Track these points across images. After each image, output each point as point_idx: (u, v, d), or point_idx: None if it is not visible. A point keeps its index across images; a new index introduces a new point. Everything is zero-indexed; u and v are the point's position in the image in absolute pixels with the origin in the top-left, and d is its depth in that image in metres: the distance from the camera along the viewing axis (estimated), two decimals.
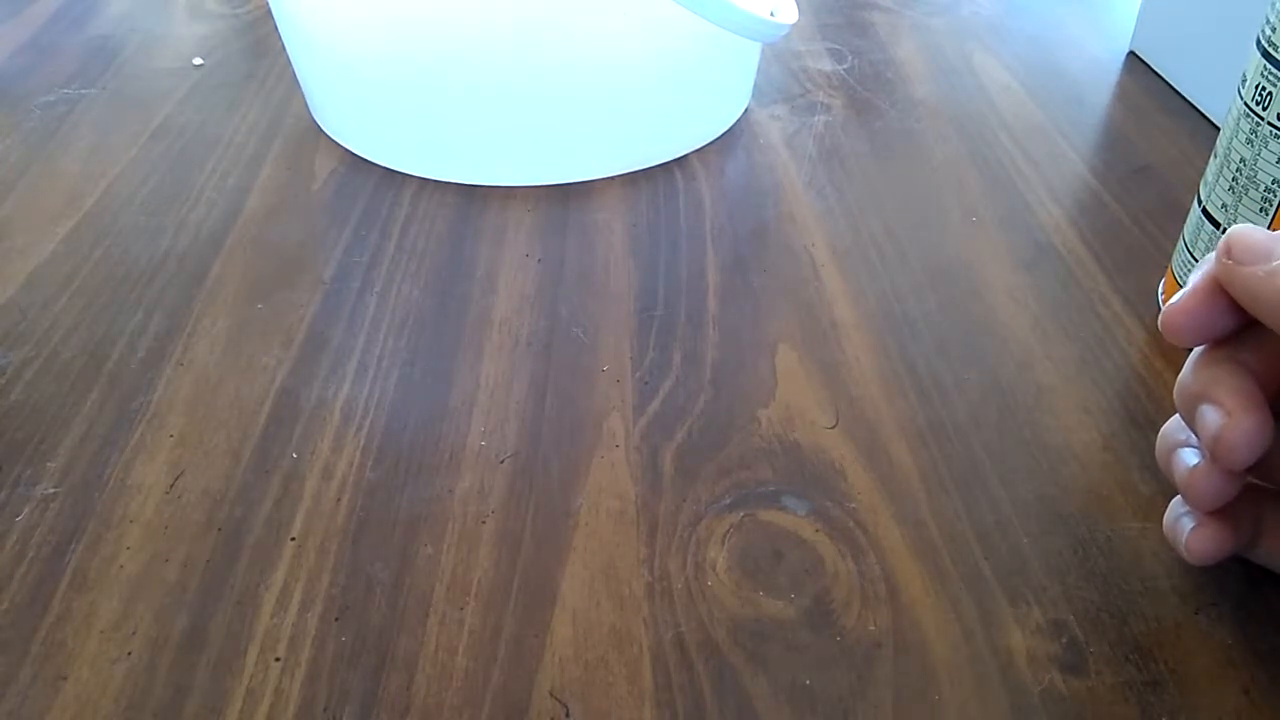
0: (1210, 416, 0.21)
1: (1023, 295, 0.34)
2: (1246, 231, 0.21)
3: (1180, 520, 0.23)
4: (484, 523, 0.26)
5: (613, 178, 0.40)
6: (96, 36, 0.52)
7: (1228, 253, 0.21)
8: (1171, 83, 0.48)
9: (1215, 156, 0.29)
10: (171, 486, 0.26)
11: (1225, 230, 0.28)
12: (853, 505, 0.26)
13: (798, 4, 0.44)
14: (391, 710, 0.21)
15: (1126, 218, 0.38)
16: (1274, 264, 0.20)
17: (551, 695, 0.22)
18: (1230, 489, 0.21)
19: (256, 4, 0.56)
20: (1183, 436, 0.23)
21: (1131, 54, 0.51)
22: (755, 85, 0.46)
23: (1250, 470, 0.21)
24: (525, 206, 0.38)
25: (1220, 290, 0.21)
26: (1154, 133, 0.44)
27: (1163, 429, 0.24)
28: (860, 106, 0.46)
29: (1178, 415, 0.23)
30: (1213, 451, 0.20)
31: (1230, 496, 0.21)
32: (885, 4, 0.58)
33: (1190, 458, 0.22)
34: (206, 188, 0.39)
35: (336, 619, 0.23)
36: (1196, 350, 0.22)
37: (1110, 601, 0.24)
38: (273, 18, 0.47)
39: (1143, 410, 0.29)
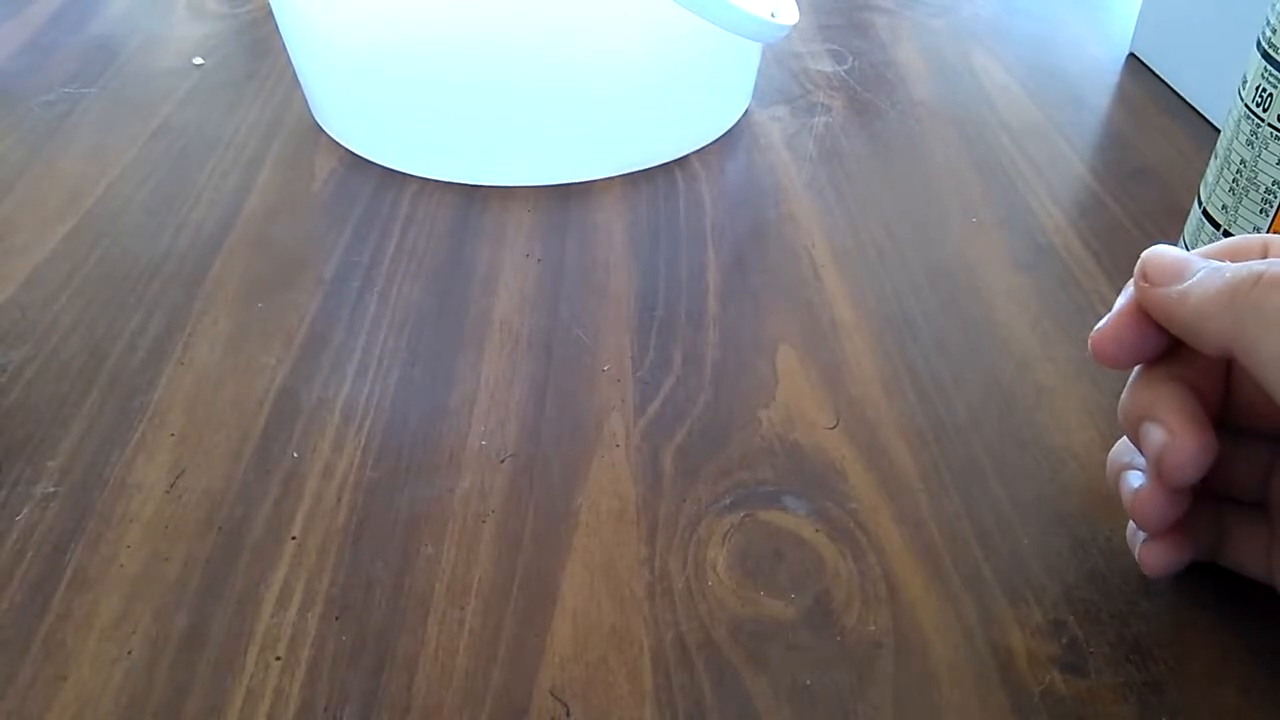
0: (1154, 435, 0.20)
1: (1023, 296, 0.34)
2: (1160, 253, 0.21)
3: (1137, 533, 0.23)
4: (484, 522, 0.26)
5: (613, 178, 0.40)
6: (96, 36, 0.52)
7: (1143, 275, 0.21)
8: (1171, 84, 0.48)
9: (1215, 158, 0.29)
10: (172, 486, 0.26)
11: (1225, 231, 0.28)
12: (853, 505, 0.26)
13: (798, 5, 0.44)
14: (391, 710, 0.21)
15: (1126, 219, 0.38)
16: (1185, 284, 0.20)
17: (552, 695, 0.22)
18: (1176, 509, 0.21)
19: (256, 4, 0.56)
20: (1127, 458, 0.23)
21: (1131, 55, 0.51)
22: (756, 86, 0.46)
23: (1208, 481, 0.21)
24: (525, 206, 0.38)
25: (1144, 312, 0.21)
26: (1154, 134, 0.44)
27: (1111, 451, 0.24)
28: (860, 107, 0.46)
29: (1125, 438, 0.23)
30: (1158, 469, 0.20)
31: (1177, 516, 0.21)
32: (886, 5, 0.58)
33: (1135, 480, 0.22)
34: (206, 188, 0.39)
35: (337, 619, 0.23)
36: (1136, 370, 0.22)
37: (1110, 601, 0.24)
38: (273, 18, 0.47)
39: None
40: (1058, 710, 0.21)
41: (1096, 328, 0.22)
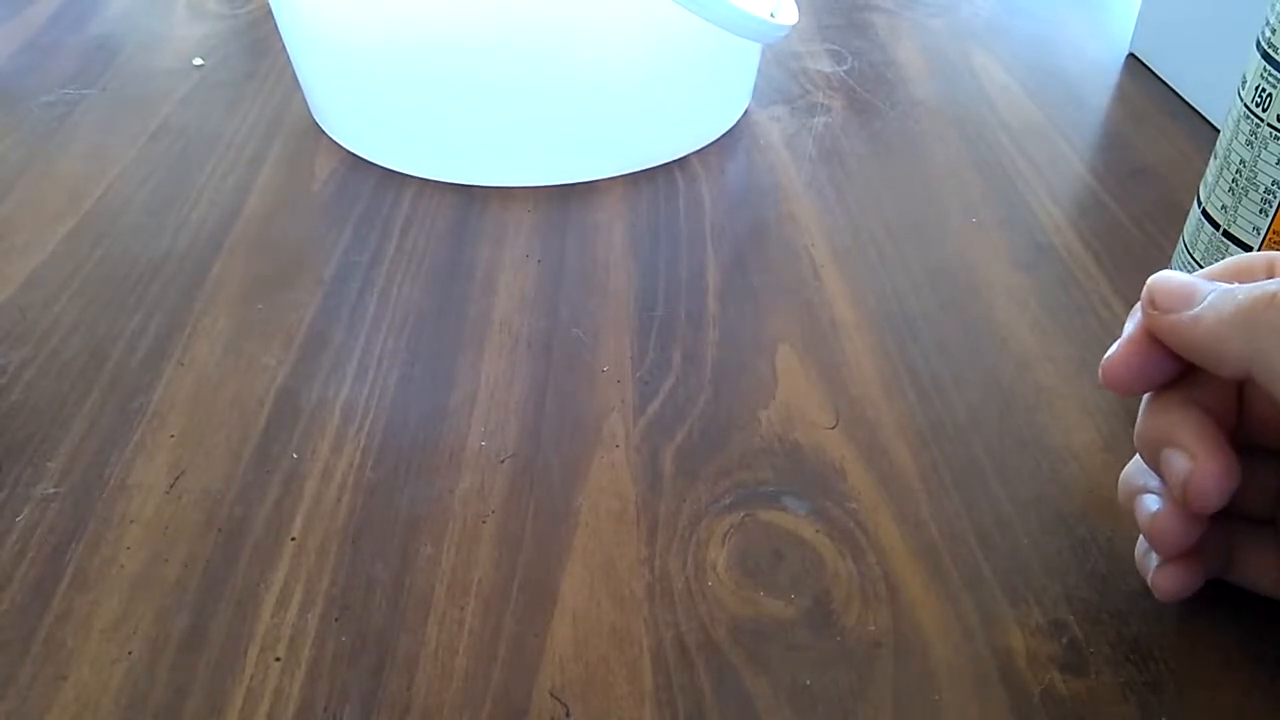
0: (1177, 462, 0.20)
1: (1023, 295, 0.34)
2: (1166, 278, 0.21)
3: (1148, 555, 0.23)
4: (484, 523, 0.26)
5: (613, 178, 0.40)
6: (96, 36, 0.52)
7: (1151, 302, 0.21)
8: (1171, 84, 0.48)
9: (1215, 158, 0.29)
10: (172, 486, 0.26)
11: (1225, 232, 0.28)
12: (853, 505, 0.26)
13: (798, 5, 0.44)
14: (391, 710, 0.21)
15: (1126, 219, 0.38)
16: (1197, 309, 0.20)
17: (552, 695, 0.22)
18: (1194, 533, 0.21)
19: (257, 4, 0.56)
20: (1141, 481, 0.23)
21: (1131, 55, 0.51)
22: (755, 86, 0.46)
23: None
24: (525, 207, 0.38)
25: (1154, 338, 0.21)
26: (1154, 134, 0.44)
27: (1123, 473, 0.24)
28: (860, 107, 0.46)
29: (1137, 458, 0.23)
30: (1183, 496, 0.20)
31: (1195, 540, 0.21)
32: (885, 5, 0.58)
33: (1153, 504, 0.22)
34: (206, 188, 0.39)
35: (336, 619, 0.23)
36: (1148, 396, 0.22)
37: (1110, 601, 0.24)
38: (273, 18, 0.47)
39: None
40: (1058, 710, 0.21)
41: (1106, 356, 0.21)
